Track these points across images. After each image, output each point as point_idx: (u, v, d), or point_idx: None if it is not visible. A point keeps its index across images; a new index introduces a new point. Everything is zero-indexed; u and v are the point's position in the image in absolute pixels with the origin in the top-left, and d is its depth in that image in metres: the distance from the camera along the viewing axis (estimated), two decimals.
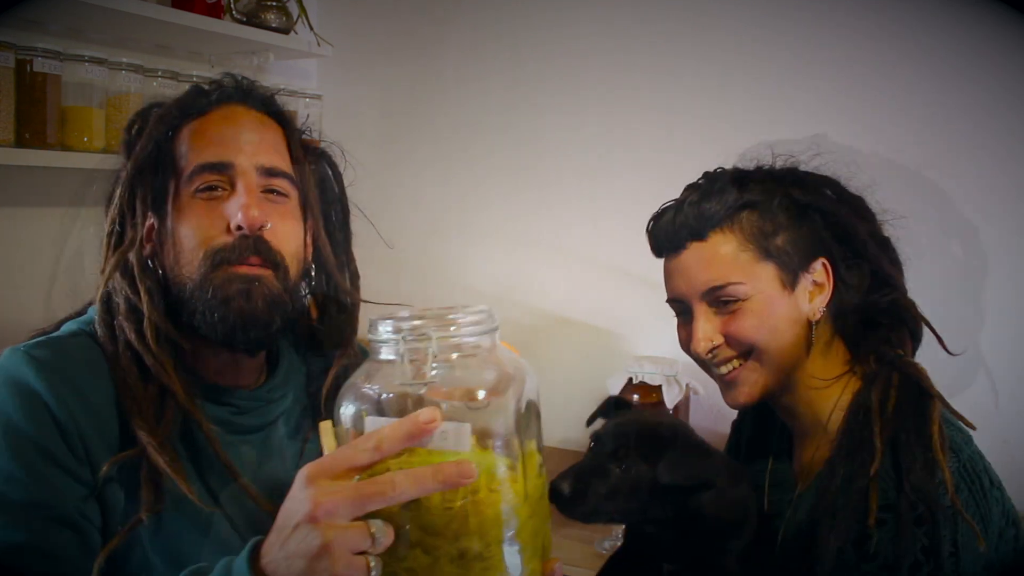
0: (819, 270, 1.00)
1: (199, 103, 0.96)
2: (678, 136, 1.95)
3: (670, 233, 1.02)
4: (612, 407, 1.02)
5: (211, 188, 0.92)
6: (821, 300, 1.00)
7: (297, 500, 0.63)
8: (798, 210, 1.00)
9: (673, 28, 1.95)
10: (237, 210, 0.90)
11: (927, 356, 1.04)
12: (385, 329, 0.67)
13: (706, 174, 1.05)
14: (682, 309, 1.05)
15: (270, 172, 0.94)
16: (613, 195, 2.04)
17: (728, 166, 1.08)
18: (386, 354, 0.67)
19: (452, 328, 0.66)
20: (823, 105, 1.80)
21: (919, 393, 0.93)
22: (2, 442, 0.83)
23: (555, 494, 0.83)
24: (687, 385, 1.85)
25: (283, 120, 1.00)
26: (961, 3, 1.67)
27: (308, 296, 1.05)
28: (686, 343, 1.04)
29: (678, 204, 1.03)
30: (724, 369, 1.01)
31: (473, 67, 2.19)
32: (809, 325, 1.00)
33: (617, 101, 2.02)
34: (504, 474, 0.65)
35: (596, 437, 0.93)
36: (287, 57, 2.18)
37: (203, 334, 0.92)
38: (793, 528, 0.99)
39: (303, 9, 2.10)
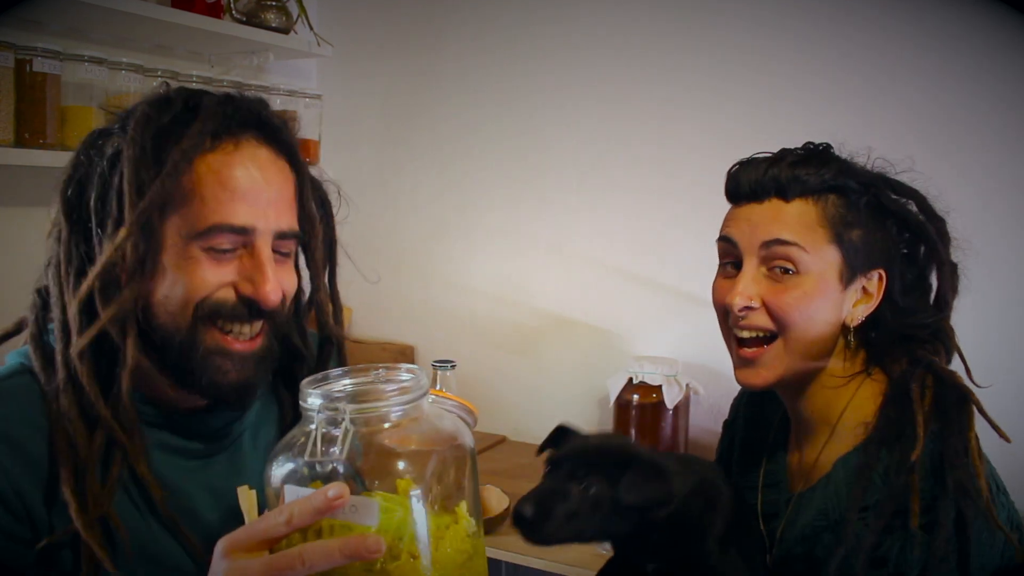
0: (874, 279, 0.97)
1: (219, 132, 0.83)
2: (679, 135, 1.95)
3: (756, 181, 0.97)
4: (561, 435, 1.00)
5: (223, 249, 0.82)
6: (863, 309, 0.98)
7: (214, 574, 0.67)
8: (881, 214, 0.98)
9: (673, 26, 1.95)
10: (260, 287, 0.83)
11: None
12: (312, 399, 0.70)
13: (807, 144, 1.01)
14: (731, 255, 0.99)
15: (283, 235, 0.86)
16: (614, 194, 2.04)
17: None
18: (311, 424, 0.70)
19: (371, 403, 0.69)
20: (824, 103, 1.80)
21: (957, 396, 0.91)
22: None
23: (518, 517, 0.85)
24: (687, 385, 1.84)
25: (297, 164, 0.90)
26: (962, 3, 1.67)
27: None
28: (721, 293, 1.00)
29: (776, 157, 0.98)
30: (745, 335, 0.97)
31: (473, 66, 2.19)
32: (842, 328, 0.97)
33: (617, 100, 2.02)
34: (423, 541, 0.68)
35: (553, 461, 0.92)
36: (287, 57, 2.18)
37: (183, 384, 0.84)
38: (796, 530, 0.98)
39: (303, 9, 2.10)
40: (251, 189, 0.83)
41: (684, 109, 1.95)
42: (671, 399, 1.80)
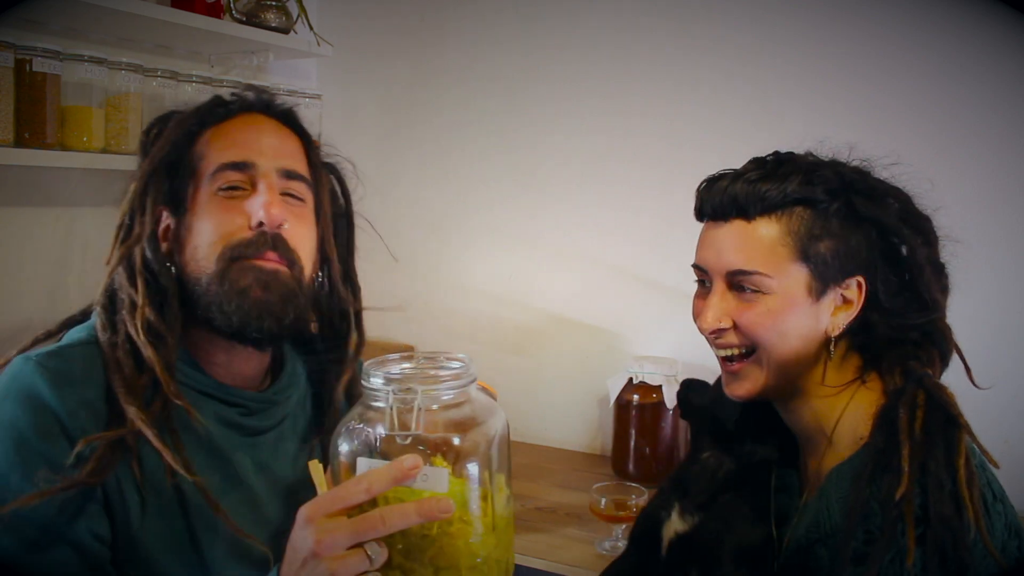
0: (852, 287, 0.96)
1: (219, 112, 0.99)
2: (680, 135, 1.95)
3: (717, 201, 0.97)
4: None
5: (232, 188, 0.95)
6: (845, 317, 0.96)
7: (301, 538, 0.73)
8: (854, 220, 0.95)
9: (676, 25, 1.95)
10: (259, 207, 0.93)
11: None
12: (376, 380, 0.77)
13: (776, 154, 1.00)
14: (704, 279, 1.01)
15: (289, 175, 0.98)
16: (614, 195, 2.04)
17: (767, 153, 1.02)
18: (377, 402, 0.76)
19: (436, 383, 0.77)
20: (827, 100, 1.80)
21: (946, 419, 0.89)
22: (16, 459, 0.83)
23: None
24: None
25: (302, 132, 1.04)
26: (962, 3, 1.67)
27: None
28: (697, 315, 1.02)
29: (736, 175, 0.98)
30: (724, 353, 0.99)
31: (472, 66, 2.19)
32: (825, 339, 0.97)
33: (619, 100, 2.02)
34: (475, 508, 0.76)
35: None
36: (287, 57, 2.18)
37: (216, 326, 0.94)
38: (795, 540, 0.97)
39: (303, 9, 2.10)
40: (251, 135, 0.97)
41: (686, 107, 1.95)
42: (671, 399, 1.80)
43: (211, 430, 0.93)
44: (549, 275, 2.14)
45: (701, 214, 1.01)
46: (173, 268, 0.96)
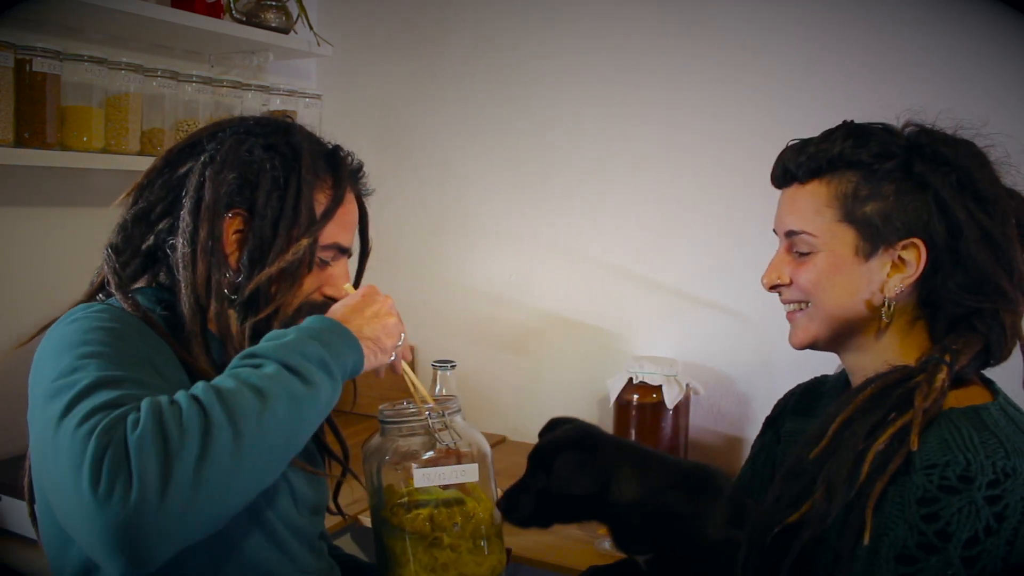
0: (910, 249, 0.96)
1: (338, 194, 1.11)
2: (679, 135, 1.95)
3: (779, 168, 1.05)
4: (550, 427, 1.16)
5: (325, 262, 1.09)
6: (900, 279, 0.96)
7: (361, 295, 1.02)
8: (914, 183, 0.96)
9: (675, 26, 1.95)
10: (341, 290, 1.10)
11: None
12: (406, 415, 1.06)
13: (844, 123, 1.05)
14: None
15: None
16: (613, 194, 2.04)
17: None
18: (412, 425, 1.07)
19: (455, 411, 1.10)
20: (824, 105, 1.80)
21: (899, 404, 0.90)
22: (104, 339, 0.90)
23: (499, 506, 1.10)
24: (687, 385, 1.85)
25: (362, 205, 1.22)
26: (962, 4, 1.67)
27: None
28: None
29: (797, 145, 1.04)
30: (787, 307, 1.06)
31: (473, 67, 2.19)
32: (881, 299, 0.97)
33: (618, 100, 2.02)
34: (494, 489, 1.10)
35: (528, 456, 1.10)
36: (287, 57, 2.18)
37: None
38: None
39: (303, 9, 2.10)
40: (353, 220, 1.17)
41: (685, 111, 1.95)
42: (671, 399, 1.80)
43: None
44: (549, 275, 2.14)
45: (774, 181, 1.07)
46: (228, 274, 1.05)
